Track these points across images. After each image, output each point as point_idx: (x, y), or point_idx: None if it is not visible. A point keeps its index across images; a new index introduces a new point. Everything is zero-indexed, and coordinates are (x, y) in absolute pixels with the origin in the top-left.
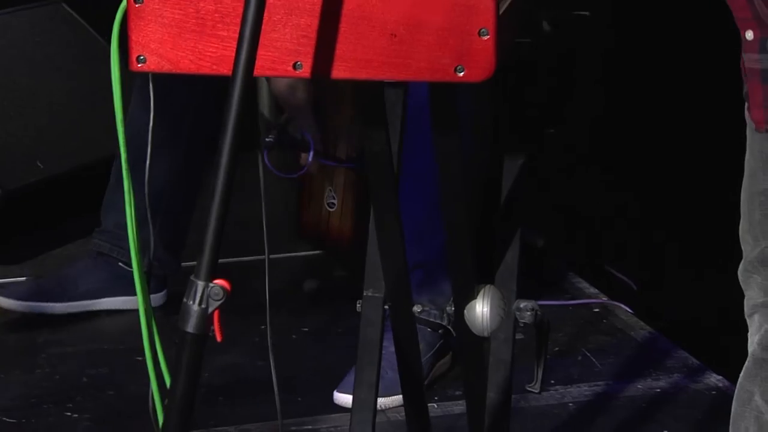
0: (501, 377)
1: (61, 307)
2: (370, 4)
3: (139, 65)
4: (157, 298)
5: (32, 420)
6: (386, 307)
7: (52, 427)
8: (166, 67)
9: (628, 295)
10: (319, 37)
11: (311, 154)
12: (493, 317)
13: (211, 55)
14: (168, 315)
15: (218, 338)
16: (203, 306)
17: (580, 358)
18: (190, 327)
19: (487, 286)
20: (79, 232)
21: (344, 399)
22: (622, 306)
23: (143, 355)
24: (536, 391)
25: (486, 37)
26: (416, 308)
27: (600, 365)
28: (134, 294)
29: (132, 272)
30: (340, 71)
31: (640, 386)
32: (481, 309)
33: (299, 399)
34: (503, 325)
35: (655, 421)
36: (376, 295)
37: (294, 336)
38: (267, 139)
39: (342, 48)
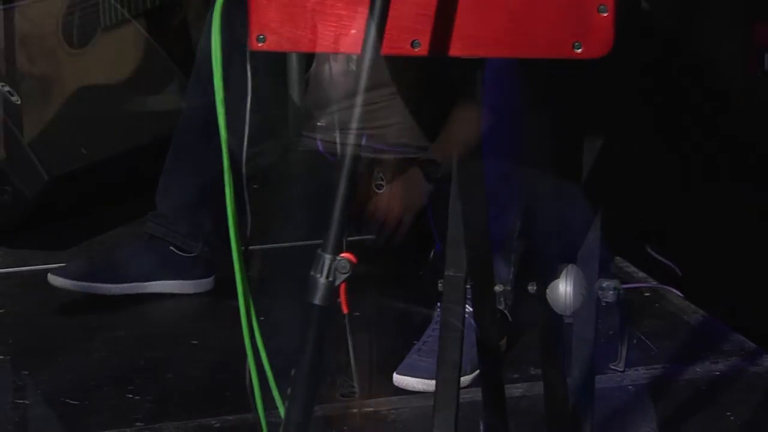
0: (584, 356)
1: (115, 288)
2: None
3: (259, 44)
4: (205, 283)
5: (95, 401)
6: (468, 286)
7: (114, 409)
8: (285, 46)
9: (675, 279)
10: (438, 15)
11: (365, 137)
12: (576, 296)
13: (330, 34)
14: (218, 300)
15: (344, 310)
16: (330, 279)
17: (635, 341)
18: (318, 299)
19: (570, 266)
20: (123, 218)
21: (404, 381)
22: (673, 290)
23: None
24: (620, 370)
25: (605, 14)
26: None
27: (656, 349)
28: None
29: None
30: (457, 49)
31: (699, 369)
32: (564, 288)
33: None
34: (586, 304)
35: (718, 403)
36: (458, 274)
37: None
38: (318, 124)
39: (460, 25)
